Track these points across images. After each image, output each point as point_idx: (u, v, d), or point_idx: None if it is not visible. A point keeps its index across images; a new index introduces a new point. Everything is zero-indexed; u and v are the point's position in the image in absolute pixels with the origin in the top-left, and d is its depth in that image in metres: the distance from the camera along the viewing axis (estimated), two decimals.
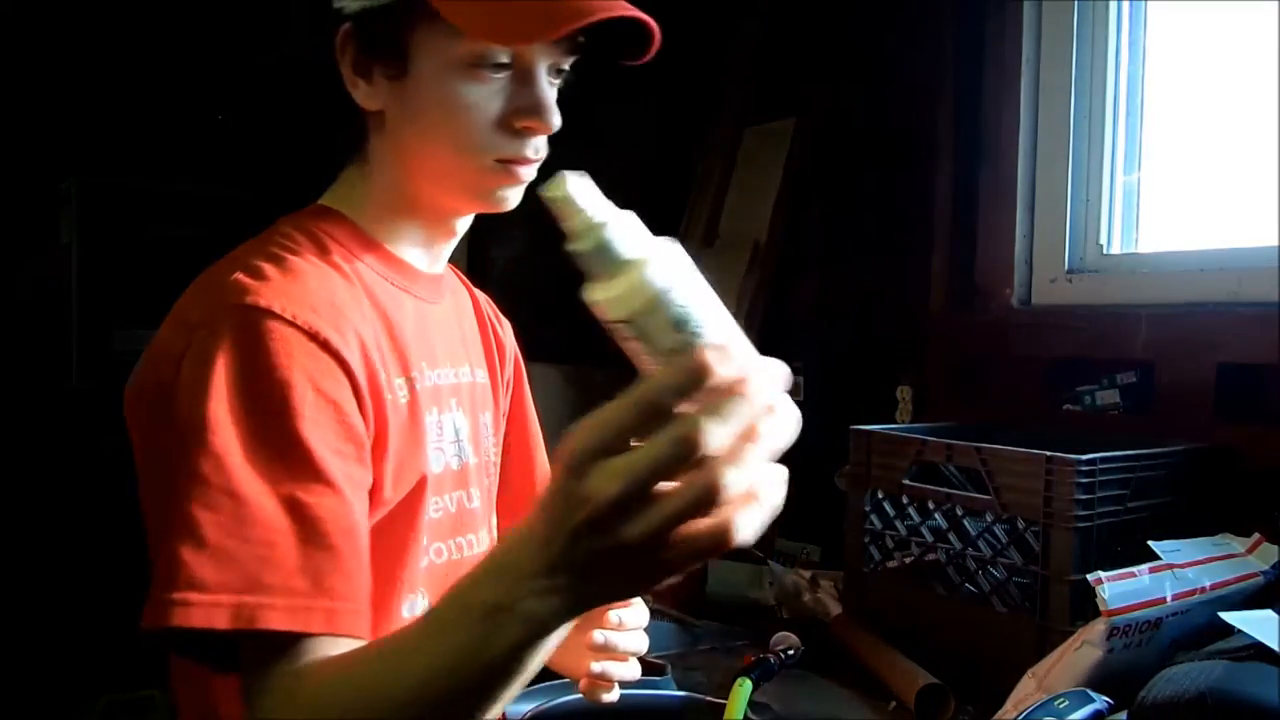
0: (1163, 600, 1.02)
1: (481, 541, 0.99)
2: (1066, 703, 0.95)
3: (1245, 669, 0.89)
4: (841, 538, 1.47)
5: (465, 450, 0.95)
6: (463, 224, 0.96)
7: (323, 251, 0.84)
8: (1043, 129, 1.69)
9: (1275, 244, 1.37)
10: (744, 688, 1.13)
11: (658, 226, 0.66)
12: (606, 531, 0.51)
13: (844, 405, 1.86)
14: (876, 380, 1.89)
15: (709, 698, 1.15)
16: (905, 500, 1.36)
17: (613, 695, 0.97)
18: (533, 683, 1.05)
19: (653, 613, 1.40)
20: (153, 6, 2.65)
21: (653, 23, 0.82)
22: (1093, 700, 0.95)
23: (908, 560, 1.38)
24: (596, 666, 0.95)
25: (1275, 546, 1.15)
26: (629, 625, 0.96)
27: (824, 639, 1.36)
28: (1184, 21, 1.60)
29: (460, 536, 0.95)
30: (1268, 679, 0.85)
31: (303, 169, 1.03)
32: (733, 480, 0.50)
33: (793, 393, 2.06)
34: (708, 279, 0.63)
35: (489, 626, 0.57)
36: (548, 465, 1.17)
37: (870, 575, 1.41)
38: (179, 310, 0.79)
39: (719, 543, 0.51)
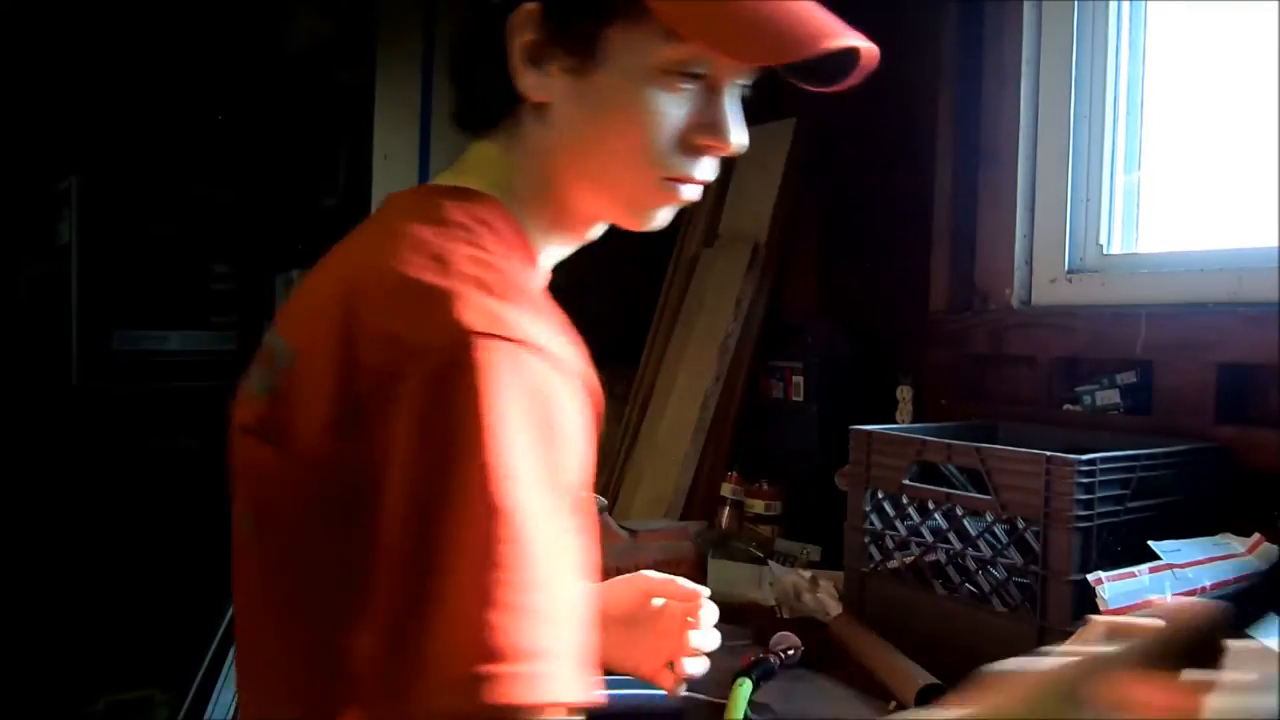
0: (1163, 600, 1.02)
1: None
2: None
3: None
4: (841, 538, 1.47)
5: None
6: (594, 234, 0.87)
7: (514, 260, 0.74)
8: (1043, 129, 1.69)
9: (1275, 244, 1.37)
10: (744, 688, 1.13)
11: None
12: None
13: (844, 405, 1.86)
14: (876, 380, 1.89)
15: (709, 698, 1.15)
16: (905, 500, 1.36)
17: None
18: None
19: None
20: (152, 6, 2.65)
21: (875, 56, 0.79)
22: None
23: (908, 560, 1.38)
24: (697, 667, 0.98)
25: (1275, 546, 1.15)
26: (706, 624, 0.99)
27: (824, 639, 1.36)
28: (1184, 21, 1.60)
29: None
30: None
31: (303, 169, 1.03)
32: None
33: (793, 393, 2.05)
34: (708, 279, 0.62)
35: None
36: None
37: (870, 575, 1.41)
38: (356, 316, 0.66)
39: None
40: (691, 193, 0.80)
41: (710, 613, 0.98)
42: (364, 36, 2.45)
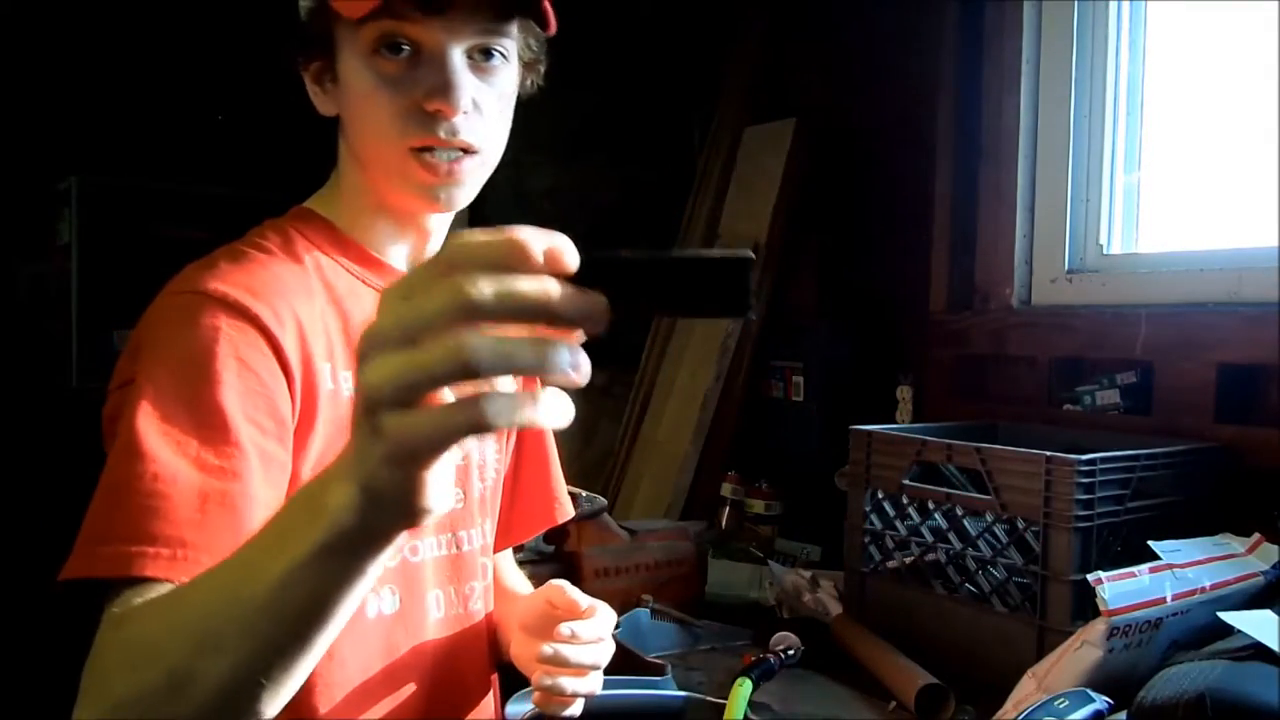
0: (1163, 600, 1.02)
1: (473, 540, 1.00)
2: (1066, 703, 0.95)
3: (1245, 669, 0.89)
4: (841, 538, 1.47)
5: None
6: (435, 222, 0.95)
7: (288, 247, 0.88)
8: (1043, 129, 1.69)
9: (1275, 244, 1.37)
10: (744, 688, 1.13)
11: (658, 226, 0.66)
12: (373, 417, 0.46)
13: (844, 405, 1.86)
14: (876, 380, 1.89)
15: (709, 698, 1.15)
16: (905, 500, 1.36)
17: (573, 710, 0.90)
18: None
19: (653, 613, 1.41)
20: (152, 6, 2.65)
21: None
22: (1093, 700, 0.95)
23: (908, 560, 1.38)
24: (546, 680, 0.88)
25: (1275, 546, 1.15)
26: (583, 637, 0.89)
27: (824, 639, 1.36)
28: (1184, 21, 1.60)
29: (444, 534, 0.96)
30: (1268, 679, 0.85)
31: (303, 169, 1.03)
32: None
33: (793, 393, 2.04)
34: None
35: (287, 511, 0.56)
36: (562, 478, 1.17)
37: (870, 575, 1.41)
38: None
39: (472, 420, 0.45)
40: (447, 162, 0.85)
41: (580, 626, 0.90)
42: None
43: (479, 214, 0.97)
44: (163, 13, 2.65)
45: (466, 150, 0.86)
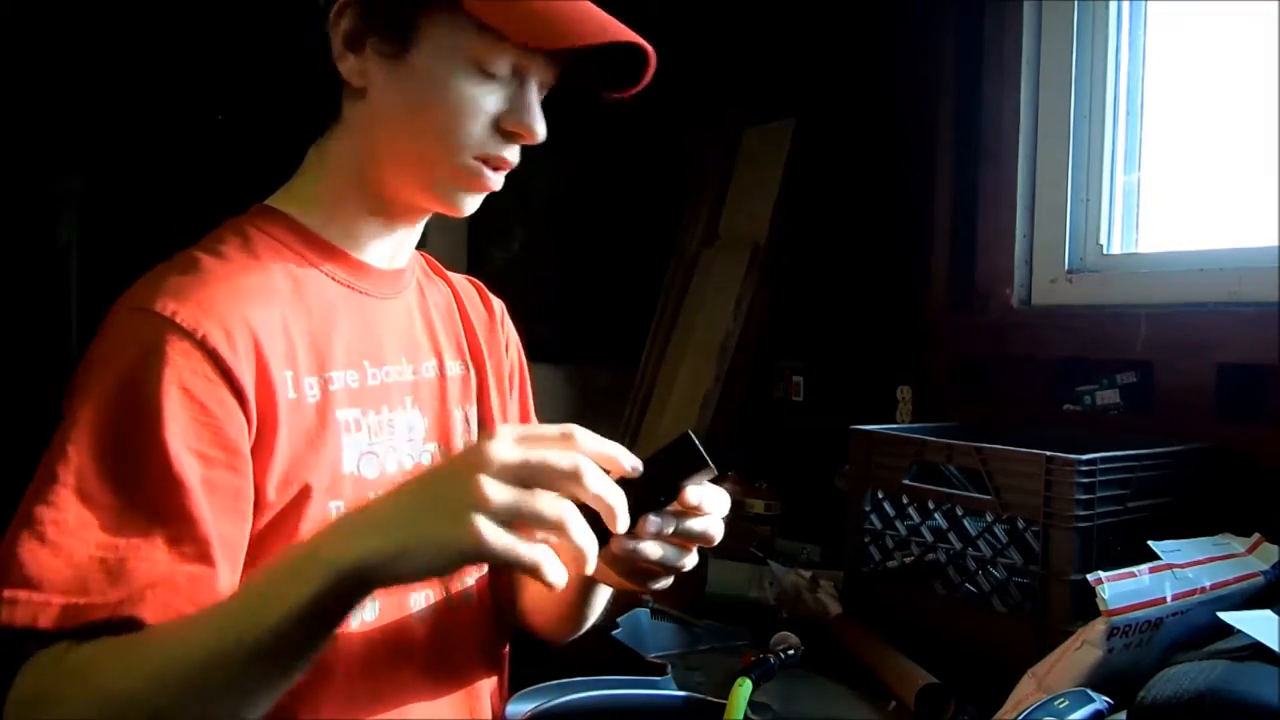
0: (1163, 600, 1.02)
1: None
2: (1066, 703, 0.95)
3: (1245, 669, 0.89)
4: (841, 538, 1.47)
5: (423, 448, 0.91)
6: (418, 226, 0.94)
7: (248, 250, 0.84)
8: (1043, 129, 1.69)
9: (1275, 244, 1.37)
10: (744, 688, 1.13)
11: (658, 226, 0.68)
12: (470, 513, 0.61)
13: (844, 405, 1.86)
14: (876, 380, 1.89)
15: (709, 698, 1.15)
16: (905, 500, 1.36)
17: (665, 583, 0.83)
18: (532, 683, 1.06)
19: (653, 613, 1.41)
20: (152, 6, 2.65)
21: (652, 58, 0.87)
22: (1093, 700, 0.95)
23: (908, 560, 1.38)
24: (655, 551, 0.75)
25: (1275, 546, 1.15)
26: (708, 509, 0.76)
27: (824, 639, 1.36)
28: (1184, 21, 1.60)
29: None
30: (1268, 679, 0.85)
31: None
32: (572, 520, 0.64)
33: (793, 392, 2.05)
34: (708, 279, 0.65)
35: (291, 567, 0.64)
36: None
37: (870, 575, 1.41)
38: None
39: (533, 563, 0.62)
40: (497, 178, 0.86)
41: (720, 499, 0.79)
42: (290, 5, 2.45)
43: (480, 216, 0.96)
44: (163, 13, 2.65)
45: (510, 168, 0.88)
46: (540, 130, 0.85)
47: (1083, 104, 1.65)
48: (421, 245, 1.01)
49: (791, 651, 1.28)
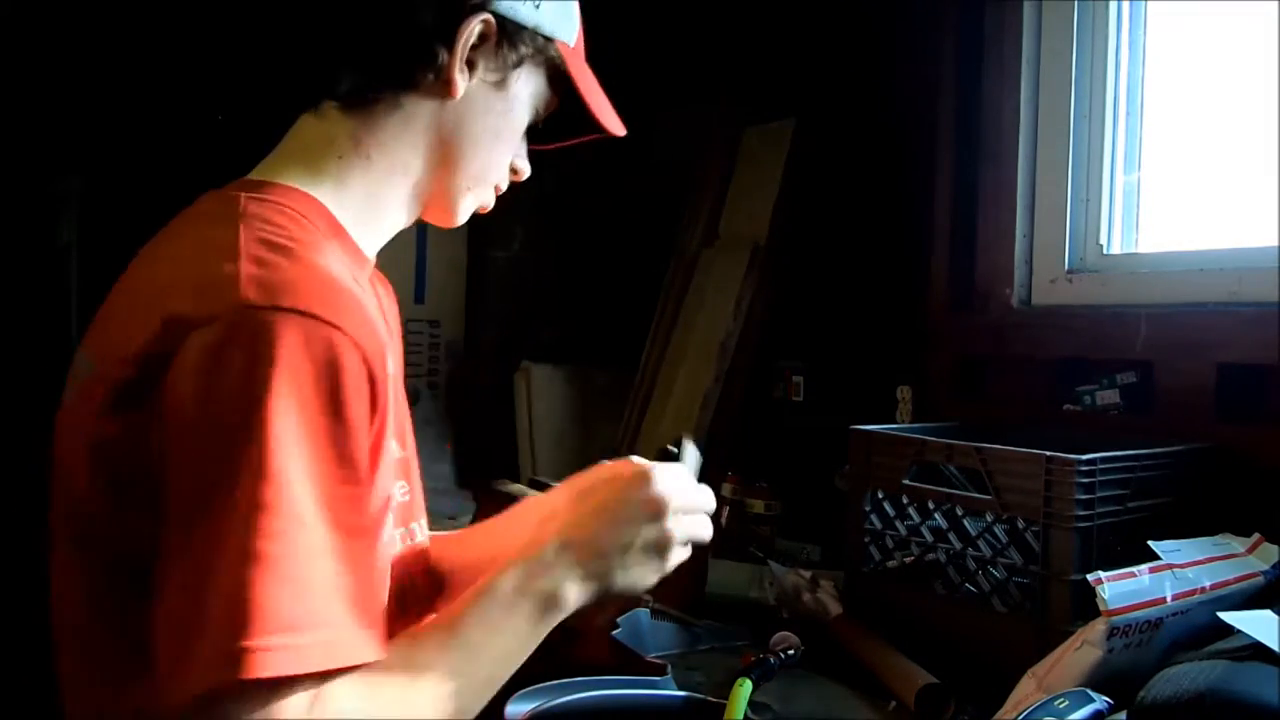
0: (1163, 600, 1.02)
1: (423, 529, 0.98)
2: (1066, 703, 0.95)
3: (1245, 669, 0.89)
4: (841, 538, 1.47)
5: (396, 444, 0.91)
6: (405, 224, 0.96)
7: (311, 239, 0.76)
8: (1043, 129, 1.69)
9: (1275, 244, 1.37)
10: (744, 688, 1.13)
11: (658, 226, 0.68)
12: (664, 519, 0.84)
13: (844, 405, 1.86)
14: (876, 380, 1.89)
15: (709, 698, 1.15)
16: (905, 500, 1.36)
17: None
18: (533, 682, 1.06)
19: (653, 613, 1.41)
20: (153, 6, 2.65)
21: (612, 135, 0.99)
22: (1093, 700, 0.95)
23: (908, 560, 1.38)
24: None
25: (1275, 546, 1.15)
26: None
27: (824, 639, 1.36)
28: (1184, 21, 1.60)
29: (400, 528, 0.92)
30: (1268, 679, 0.85)
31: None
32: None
33: (793, 392, 2.05)
34: (708, 279, 0.66)
35: (524, 613, 0.75)
36: None
37: (870, 575, 1.41)
38: (151, 303, 0.69)
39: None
40: (487, 204, 0.96)
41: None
42: None
43: (480, 216, 0.97)
44: (163, 13, 2.65)
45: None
46: (528, 173, 0.98)
47: (1083, 104, 1.65)
48: (422, 245, 1.03)
49: (791, 651, 1.28)
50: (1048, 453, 1.18)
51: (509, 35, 0.84)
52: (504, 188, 0.96)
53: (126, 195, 2.76)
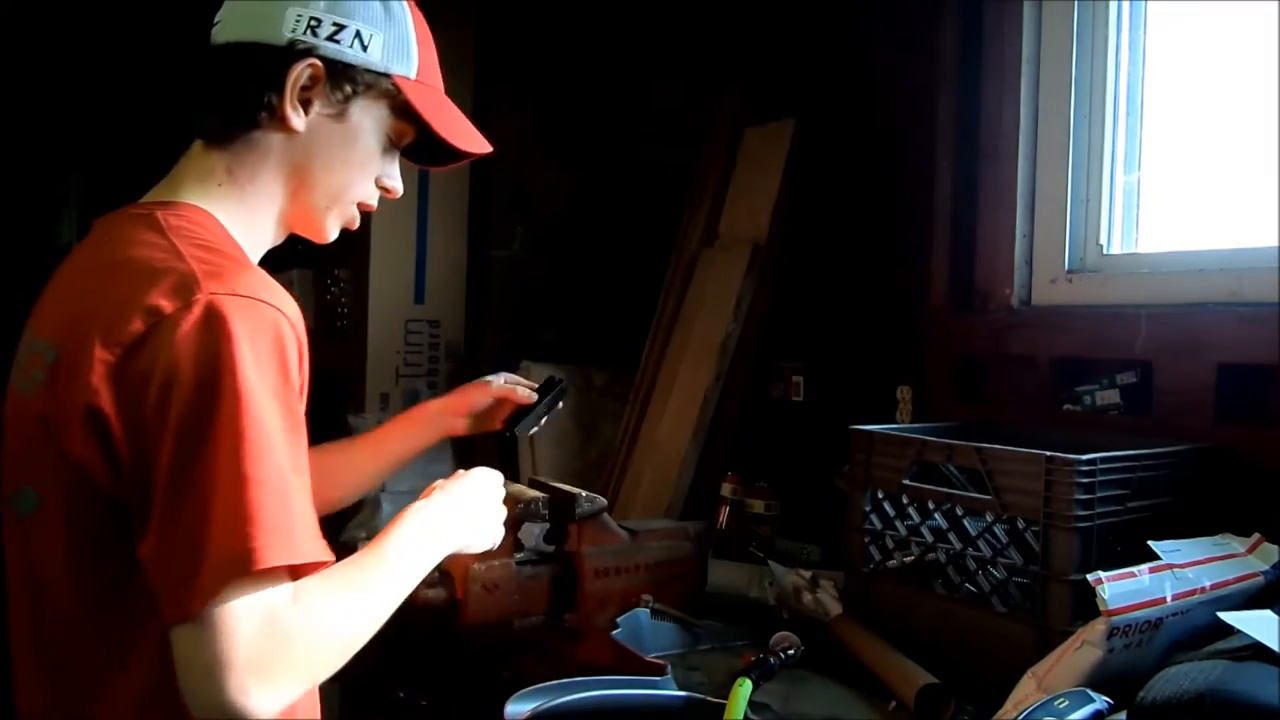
0: (1163, 600, 1.02)
1: None
2: (1066, 703, 0.95)
3: (1245, 669, 0.89)
4: (841, 538, 1.47)
5: None
6: (278, 239, 1.07)
7: (223, 242, 0.93)
8: (1043, 129, 1.69)
9: (1275, 244, 1.37)
10: (744, 688, 1.13)
11: (658, 226, 0.67)
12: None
13: (844, 405, 1.86)
14: (876, 380, 1.89)
15: (709, 698, 1.15)
16: (905, 500, 1.36)
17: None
18: (533, 682, 1.06)
19: (653, 613, 1.41)
20: (153, 6, 2.65)
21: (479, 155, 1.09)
22: (1093, 700, 0.95)
23: (908, 560, 1.38)
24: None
25: (1275, 546, 1.15)
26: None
27: (824, 639, 1.36)
28: (1184, 21, 1.60)
29: None
30: (1268, 679, 0.86)
31: None
32: None
33: (793, 393, 2.05)
34: (708, 279, 0.66)
35: (430, 558, 0.98)
36: None
37: (870, 575, 1.41)
38: (126, 298, 0.82)
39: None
40: (357, 219, 1.06)
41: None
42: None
43: (481, 215, 0.98)
44: (163, 13, 2.65)
45: None
46: (400, 190, 1.07)
47: (1083, 104, 1.65)
48: (422, 245, 1.06)
49: (791, 651, 1.28)
50: (1048, 453, 1.18)
51: (337, 75, 0.96)
52: (373, 204, 1.06)
53: (126, 195, 2.77)
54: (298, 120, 0.95)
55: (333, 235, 1.05)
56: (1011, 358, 1.69)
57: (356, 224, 1.06)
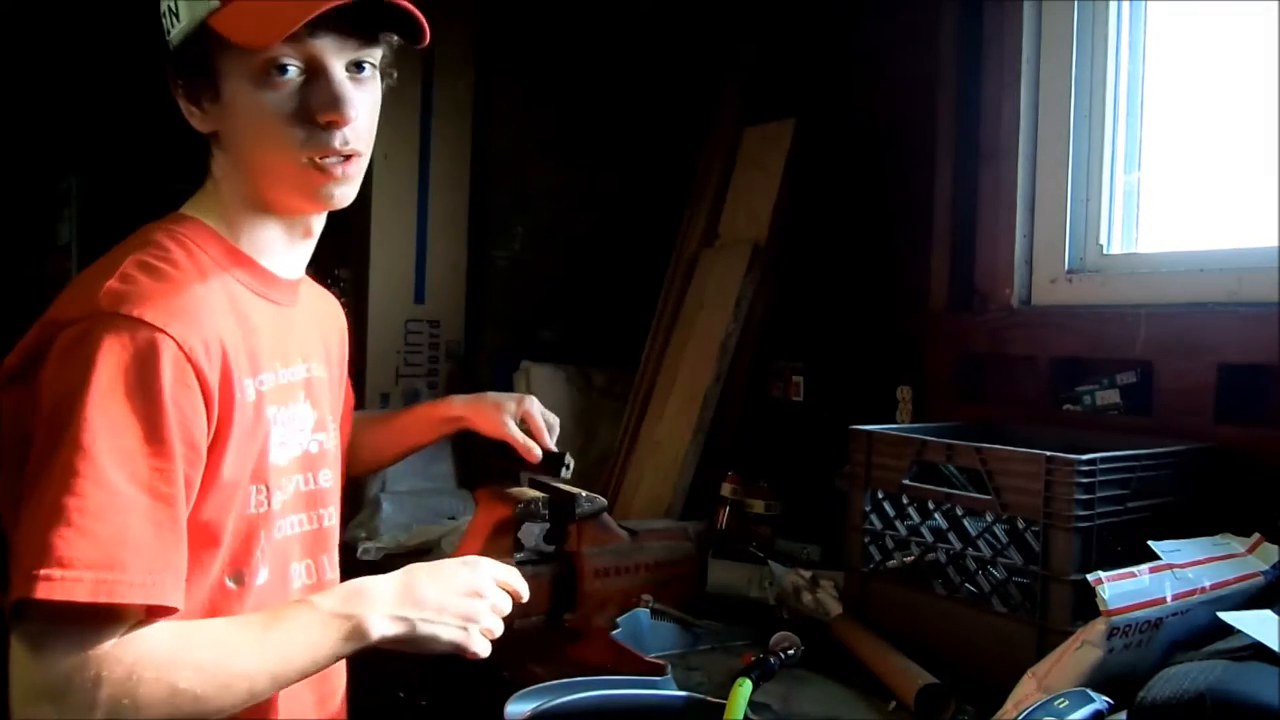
0: (1163, 600, 1.02)
1: (331, 517, 1.10)
2: (1066, 703, 0.95)
3: (1245, 669, 0.89)
4: (842, 538, 1.47)
5: (311, 437, 1.06)
6: (317, 224, 1.04)
7: (193, 261, 0.92)
8: (1043, 129, 1.69)
9: (1275, 244, 1.37)
10: (744, 688, 1.13)
11: (658, 226, 0.67)
12: (482, 600, 0.98)
13: (844, 405, 1.86)
14: (876, 380, 1.89)
15: (709, 698, 1.15)
16: (905, 500, 1.36)
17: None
18: (533, 682, 1.06)
19: (653, 612, 1.41)
20: (153, 6, 2.65)
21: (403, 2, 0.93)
22: (1093, 700, 0.95)
23: (908, 560, 1.38)
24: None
25: (1275, 546, 1.15)
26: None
27: (824, 639, 1.36)
28: (1184, 21, 1.60)
29: (315, 510, 1.07)
30: (1268, 679, 0.85)
31: None
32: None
33: (793, 393, 2.05)
34: (708, 279, 0.65)
35: (333, 629, 0.87)
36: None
37: (870, 575, 1.41)
38: (50, 310, 0.86)
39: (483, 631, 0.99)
40: (343, 167, 0.96)
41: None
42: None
43: (481, 215, 0.98)
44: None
45: (353, 154, 0.96)
46: (347, 112, 0.93)
47: (1083, 104, 1.65)
48: (422, 245, 1.05)
49: (791, 651, 1.28)
50: (1048, 453, 1.18)
51: (180, 61, 0.94)
52: (329, 144, 0.94)
53: (126, 195, 2.77)
54: (197, 119, 0.96)
55: (331, 199, 0.97)
56: (1011, 358, 1.69)
57: (337, 173, 0.96)
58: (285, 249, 1.03)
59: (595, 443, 2.33)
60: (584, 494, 1.39)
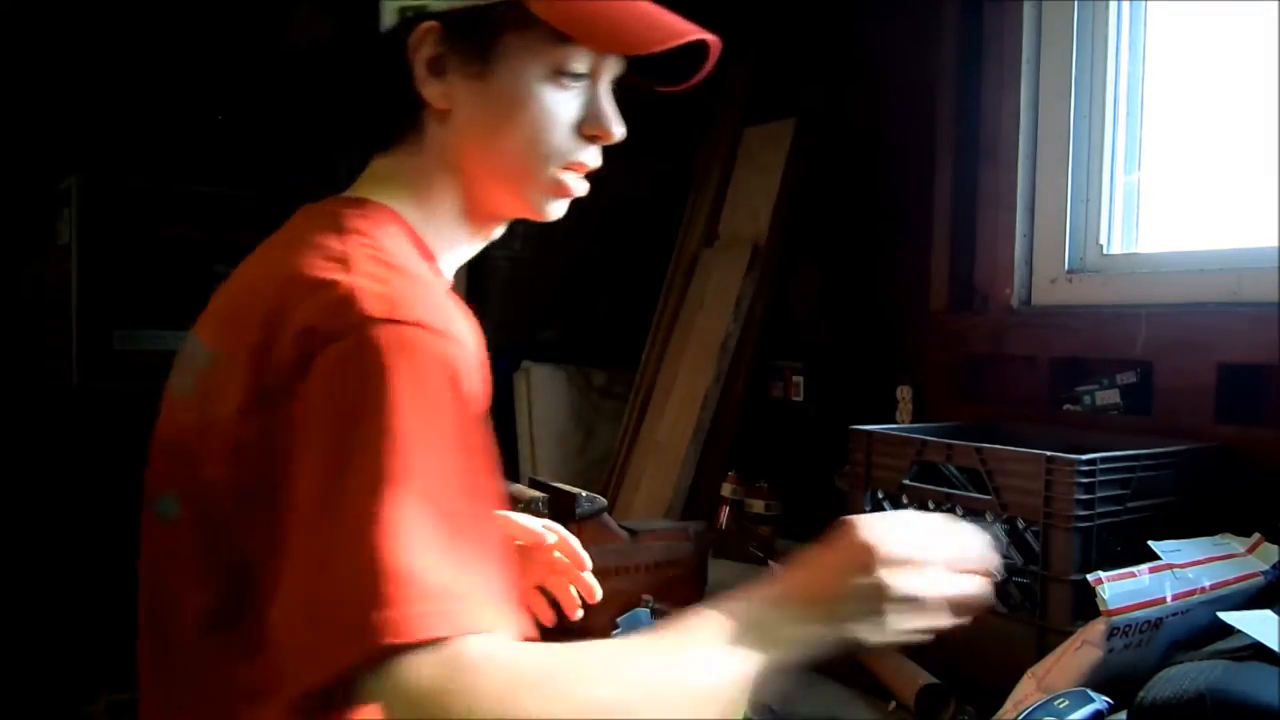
0: (1163, 600, 1.02)
1: None
2: (1066, 703, 0.95)
3: (1245, 669, 0.89)
4: None
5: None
6: (496, 234, 0.94)
7: (407, 256, 0.80)
8: (1043, 129, 1.69)
9: (1275, 244, 1.37)
10: None
11: (658, 226, 0.67)
12: (873, 569, 0.81)
13: (844, 405, 1.86)
14: (876, 380, 1.89)
15: None
16: (905, 500, 1.36)
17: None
18: None
19: (653, 612, 1.41)
20: (153, 5, 2.65)
21: (716, 51, 0.89)
22: (1093, 700, 0.95)
23: None
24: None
25: (1275, 546, 1.15)
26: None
27: None
28: (1184, 21, 1.60)
29: None
30: (1268, 679, 0.85)
31: (304, 167, 1.02)
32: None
33: (793, 393, 2.05)
34: (708, 279, 0.65)
35: (736, 649, 0.75)
36: None
37: None
38: (281, 312, 0.72)
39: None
40: (581, 185, 0.89)
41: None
42: (365, 34, 2.45)
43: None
44: (163, 12, 2.65)
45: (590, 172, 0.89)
46: (619, 130, 0.88)
47: (1083, 104, 1.65)
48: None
49: None
50: (1048, 453, 1.18)
51: (460, 26, 0.81)
52: (589, 161, 0.88)
53: (126, 195, 2.76)
54: (435, 91, 0.82)
55: (550, 212, 0.90)
56: (1011, 358, 1.69)
57: (576, 190, 0.89)
58: (464, 252, 0.92)
59: (595, 443, 2.33)
60: (584, 494, 1.39)
